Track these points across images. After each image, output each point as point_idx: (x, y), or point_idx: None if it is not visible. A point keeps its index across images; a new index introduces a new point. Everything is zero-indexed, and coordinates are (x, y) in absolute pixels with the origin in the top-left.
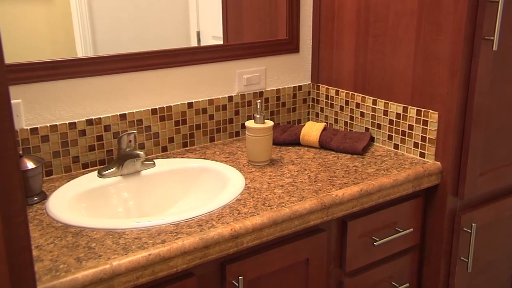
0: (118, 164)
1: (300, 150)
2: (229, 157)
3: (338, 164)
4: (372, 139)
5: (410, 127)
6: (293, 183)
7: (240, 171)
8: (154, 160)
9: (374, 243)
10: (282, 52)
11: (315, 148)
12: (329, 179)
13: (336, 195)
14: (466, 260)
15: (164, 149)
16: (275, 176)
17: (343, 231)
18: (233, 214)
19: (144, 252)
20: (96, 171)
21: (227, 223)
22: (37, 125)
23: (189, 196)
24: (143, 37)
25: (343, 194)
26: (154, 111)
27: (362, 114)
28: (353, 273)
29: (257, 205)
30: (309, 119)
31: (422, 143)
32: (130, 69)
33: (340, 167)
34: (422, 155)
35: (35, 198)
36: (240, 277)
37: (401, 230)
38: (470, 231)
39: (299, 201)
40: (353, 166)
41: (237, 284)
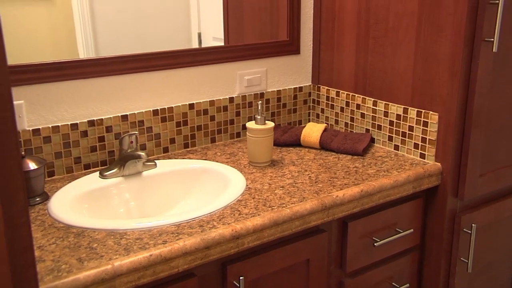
0: (120, 165)
1: (301, 151)
2: (230, 158)
3: (339, 165)
4: (373, 140)
5: (411, 128)
6: (294, 184)
7: (241, 172)
8: (156, 161)
9: (375, 244)
10: (283, 54)
11: (316, 149)
12: (330, 180)
13: (337, 196)
14: (466, 261)
15: (166, 150)
16: (276, 177)
17: (344, 232)
18: (234, 215)
19: (146, 253)
20: (98, 172)
21: (228, 224)
22: (39, 126)
23: (190, 197)
24: (145, 39)
25: (344, 195)
26: (156, 112)
27: (363, 115)
28: (354, 274)
29: (258, 206)
30: (310, 120)
31: (422, 144)
32: (132, 71)
33: (341, 168)
34: (423, 156)
35: (37, 199)
36: (241, 278)
37: (402, 231)
38: (470, 232)
39: (300, 202)
40: (354, 167)
41: (238, 285)
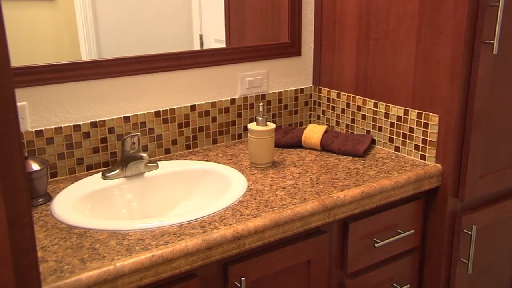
0: (122, 166)
1: (302, 152)
2: (232, 159)
3: (340, 166)
4: (373, 142)
5: (411, 130)
6: (295, 185)
7: (243, 173)
8: (158, 162)
9: (375, 245)
10: (284, 56)
11: (317, 151)
12: (331, 181)
13: (338, 197)
14: (467, 262)
15: (167, 151)
16: (277, 178)
17: (345, 233)
18: (236, 216)
19: (148, 253)
20: (100, 173)
21: (230, 225)
22: (42, 128)
23: (192, 198)
24: (147, 41)
25: (345, 196)
26: (158, 114)
27: (363, 117)
28: (355, 275)
29: (259, 207)
30: (311, 122)
31: (423, 146)
32: (134, 72)
33: (342, 169)
34: (423, 158)
35: (40, 200)
36: (243, 278)
37: (402, 232)
38: (471, 233)
39: (301, 203)
40: (355, 168)
41: (240, 285)
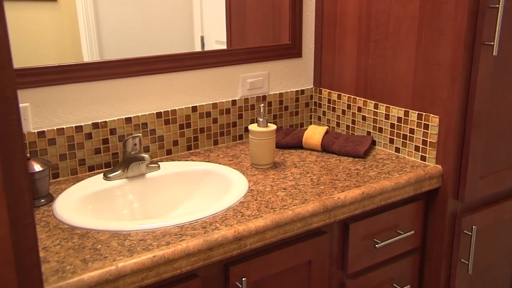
0: (124, 167)
1: (303, 153)
2: (233, 160)
3: (340, 167)
4: (374, 143)
5: (411, 131)
6: (296, 186)
7: (244, 174)
8: (159, 163)
9: (376, 245)
10: (285, 57)
11: (317, 151)
12: (331, 182)
13: (338, 198)
14: (467, 262)
15: (169, 152)
16: (278, 179)
17: (345, 234)
18: (237, 217)
19: (149, 254)
20: (102, 174)
21: (231, 225)
22: (44, 129)
23: (193, 199)
24: (148, 42)
25: (345, 197)
26: (159, 115)
27: (364, 118)
28: (355, 275)
29: (260, 208)
30: (312, 123)
31: (423, 147)
32: (135, 74)
33: (342, 170)
34: (423, 159)
35: (42, 200)
36: (244, 279)
37: (403, 233)
38: (471, 234)
39: (302, 204)
40: (355, 169)
41: (241, 286)
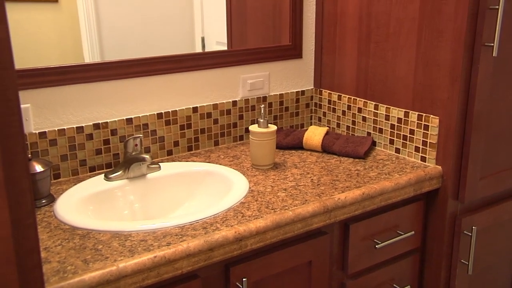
0: (125, 168)
1: (303, 154)
2: (233, 161)
3: (341, 168)
4: (374, 144)
5: (411, 132)
6: (296, 187)
7: (244, 175)
8: (160, 164)
9: (376, 246)
10: (286, 58)
11: (318, 152)
12: (332, 183)
13: (339, 199)
14: (467, 263)
15: (170, 153)
16: (279, 180)
17: (345, 234)
18: (237, 217)
19: (150, 254)
20: (103, 174)
21: (231, 226)
22: (46, 129)
23: (194, 199)
24: (149, 43)
25: (346, 198)
26: (160, 116)
27: (364, 119)
28: (355, 276)
29: (261, 208)
30: (312, 124)
31: (423, 148)
32: (136, 75)
33: (343, 171)
34: (423, 159)
35: (43, 201)
36: (244, 279)
37: (403, 233)
38: (471, 234)
39: (302, 204)
40: (355, 170)
41: (241, 286)
